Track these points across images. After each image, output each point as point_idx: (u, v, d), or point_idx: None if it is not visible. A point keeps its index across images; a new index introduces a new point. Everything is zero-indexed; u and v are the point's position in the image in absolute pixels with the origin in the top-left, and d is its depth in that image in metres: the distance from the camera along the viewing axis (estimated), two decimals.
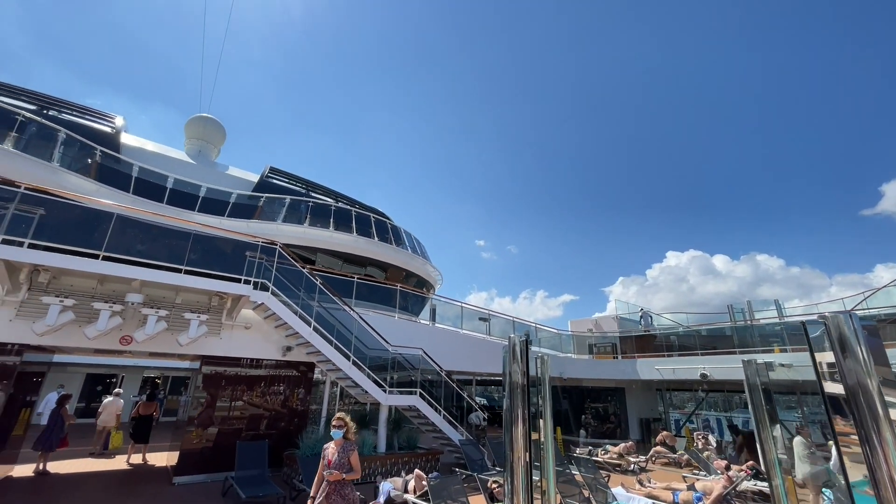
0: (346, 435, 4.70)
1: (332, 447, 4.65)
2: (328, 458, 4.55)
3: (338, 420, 4.73)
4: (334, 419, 4.75)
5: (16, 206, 6.67)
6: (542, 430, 3.06)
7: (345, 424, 4.72)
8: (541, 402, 3.15)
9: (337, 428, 4.68)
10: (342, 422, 4.72)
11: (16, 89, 14.12)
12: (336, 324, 9.80)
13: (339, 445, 4.63)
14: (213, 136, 19.62)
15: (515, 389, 2.35)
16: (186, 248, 8.11)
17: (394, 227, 18.50)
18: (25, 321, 6.98)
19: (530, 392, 2.40)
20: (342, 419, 4.74)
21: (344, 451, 4.56)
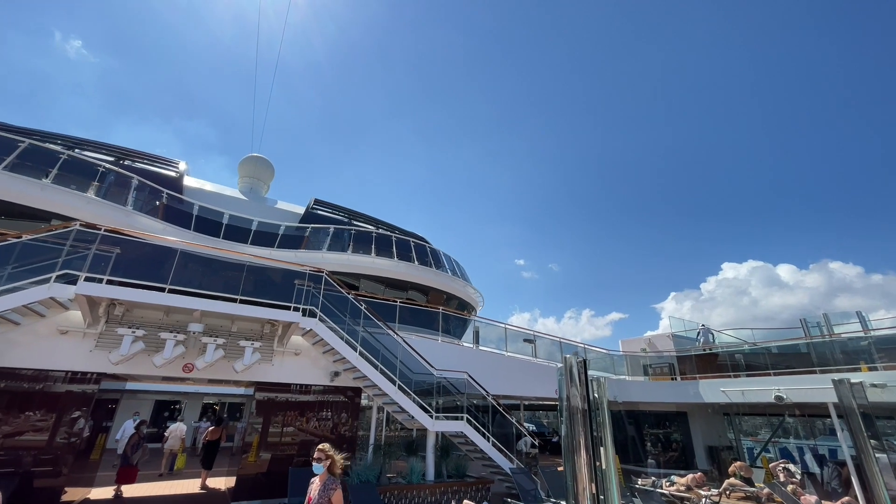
0: (330, 469, 4.14)
1: (316, 482, 4.12)
2: (308, 496, 4.07)
3: (319, 452, 4.16)
4: (316, 450, 4.20)
5: (97, 247, 7.39)
6: (604, 458, 2.85)
7: (327, 457, 4.15)
8: (600, 427, 2.96)
9: (317, 461, 4.11)
10: (323, 454, 4.15)
11: (97, 144, 15.94)
12: (381, 348, 9.89)
13: (322, 481, 4.07)
14: (263, 174, 21.03)
15: (575, 414, 2.22)
16: (241, 278, 8.59)
17: (433, 251, 18.68)
18: (103, 351, 7.60)
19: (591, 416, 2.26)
20: (324, 451, 4.18)
21: (325, 488, 4.01)
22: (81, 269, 7.09)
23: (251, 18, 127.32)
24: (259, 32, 37.59)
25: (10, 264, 6.82)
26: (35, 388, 7.28)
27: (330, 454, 4.19)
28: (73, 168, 12.76)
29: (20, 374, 7.23)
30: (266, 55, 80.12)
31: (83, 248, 7.35)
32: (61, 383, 7.46)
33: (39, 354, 7.38)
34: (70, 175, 12.53)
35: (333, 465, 4.15)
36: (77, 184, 12.56)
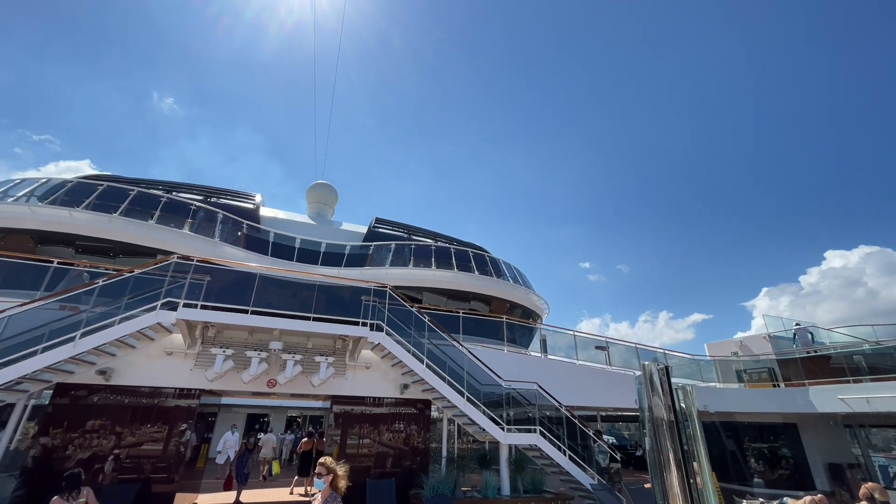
0: (332, 485, 3.82)
1: (318, 499, 3.86)
2: None
3: (320, 466, 3.87)
4: (318, 464, 3.92)
5: (191, 276, 8.30)
6: (699, 475, 2.55)
7: (329, 471, 3.84)
8: (690, 441, 2.65)
9: (318, 476, 3.82)
10: (324, 468, 3.85)
11: (189, 185, 18.10)
12: (447, 360, 9.91)
13: (325, 497, 3.78)
14: (328, 199, 22.47)
15: (660, 426, 2.00)
16: (313, 297, 9.15)
17: (492, 259, 18.53)
18: (201, 369, 8.46)
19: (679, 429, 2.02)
20: (325, 465, 3.88)
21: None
22: (180, 297, 7.99)
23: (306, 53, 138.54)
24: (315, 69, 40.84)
25: (126, 296, 7.89)
26: (150, 403, 8.28)
27: (332, 468, 3.88)
28: (171, 208, 14.57)
29: (138, 391, 8.28)
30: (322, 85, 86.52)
31: (181, 277, 8.29)
32: (170, 398, 8.42)
33: (151, 373, 8.41)
34: (169, 215, 14.32)
35: (336, 480, 3.84)
36: (175, 222, 14.31)
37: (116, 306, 7.73)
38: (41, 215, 12.37)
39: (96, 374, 7.92)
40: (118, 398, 8.17)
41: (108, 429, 7.89)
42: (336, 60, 25.61)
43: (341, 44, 33.54)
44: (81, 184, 13.92)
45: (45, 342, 7.08)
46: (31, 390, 7.61)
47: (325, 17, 76.15)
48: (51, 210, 12.50)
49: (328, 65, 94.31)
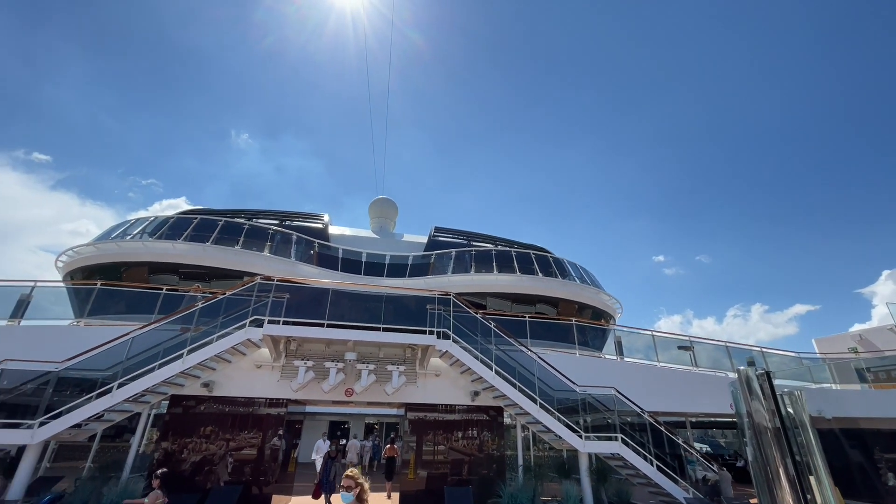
0: (359, 497, 3.71)
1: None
2: None
3: (347, 479, 3.76)
4: (344, 477, 3.80)
5: (273, 295, 9.06)
6: (818, 491, 2.21)
7: (357, 484, 3.72)
8: (804, 452, 2.33)
9: (346, 489, 3.68)
10: (353, 481, 3.74)
11: (267, 212, 19.85)
12: (516, 366, 9.75)
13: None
14: (389, 213, 23.41)
15: (763, 434, 1.77)
16: (381, 308, 9.53)
17: (556, 260, 17.96)
18: (286, 381, 9.16)
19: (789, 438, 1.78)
20: (353, 477, 3.76)
21: None
22: (265, 314, 8.75)
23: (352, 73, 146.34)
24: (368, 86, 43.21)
25: (221, 316, 8.82)
26: (245, 412, 9.14)
27: (360, 481, 3.77)
28: (253, 234, 16.08)
29: (235, 401, 9.18)
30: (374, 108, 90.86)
31: (264, 297, 9.08)
32: (262, 407, 9.21)
33: (245, 385, 9.28)
34: (251, 240, 15.81)
35: (363, 493, 3.74)
36: (256, 246, 15.76)
37: (213, 325, 8.67)
38: (152, 249, 14.30)
39: (201, 387, 8.92)
40: (220, 408, 9.12)
41: (213, 435, 8.83)
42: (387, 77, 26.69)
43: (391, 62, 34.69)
44: (180, 219, 15.88)
45: (160, 359, 8.14)
46: (152, 401, 8.77)
47: (369, 37, 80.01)
48: (158, 244, 14.41)
49: (377, 83, 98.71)
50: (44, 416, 7.35)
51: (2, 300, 9.85)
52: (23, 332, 9.34)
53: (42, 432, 7.19)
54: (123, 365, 8.05)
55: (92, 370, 8.08)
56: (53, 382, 7.76)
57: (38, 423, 7.23)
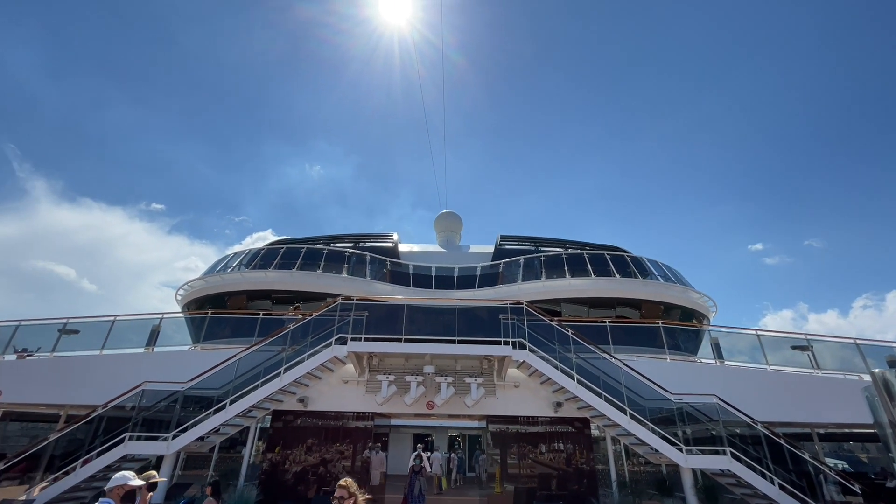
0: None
1: None
2: None
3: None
4: (337, 487, 3.48)
5: (353, 314, 9.63)
6: None
7: (350, 494, 3.42)
8: None
9: (339, 500, 3.40)
10: (346, 491, 3.43)
11: (343, 236, 21.27)
12: (600, 374, 9.23)
13: None
14: (454, 225, 23.81)
15: None
16: (454, 321, 9.67)
17: (634, 259, 16.83)
18: (371, 395, 9.62)
19: None
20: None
21: None
22: (347, 332, 9.33)
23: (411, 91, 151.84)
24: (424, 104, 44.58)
25: (310, 335, 9.57)
26: (336, 426, 9.74)
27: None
28: (331, 258, 17.31)
29: (327, 415, 9.84)
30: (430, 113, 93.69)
31: (346, 316, 9.69)
32: (350, 421, 9.76)
33: (335, 399, 9.91)
34: (330, 263, 17.01)
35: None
36: (335, 268, 16.92)
37: (304, 345, 9.43)
38: (248, 278, 16.03)
39: (297, 402, 9.70)
40: (314, 421, 9.84)
41: (310, 447, 9.53)
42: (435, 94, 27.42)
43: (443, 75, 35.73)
44: (270, 250, 17.63)
45: (262, 378, 9.03)
46: (257, 416, 9.72)
47: (413, 58, 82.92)
48: (253, 273, 16.10)
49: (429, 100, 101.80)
50: (175, 430, 8.50)
51: (139, 331, 11.66)
52: (155, 357, 10.96)
53: (175, 444, 8.31)
54: (233, 384, 9.06)
55: (208, 389, 9.20)
56: (180, 401, 8.98)
57: (172, 436, 8.38)
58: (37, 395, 10.27)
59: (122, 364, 10.46)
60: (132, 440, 8.39)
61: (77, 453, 8.53)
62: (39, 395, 10.27)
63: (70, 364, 10.64)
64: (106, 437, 8.61)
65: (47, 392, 10.25)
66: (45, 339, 11.25)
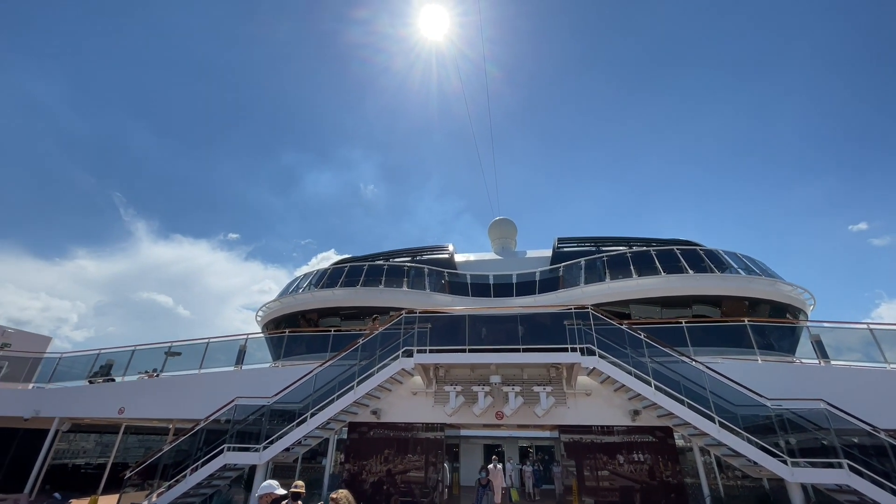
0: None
1: None
2: None
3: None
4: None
5: (417, 326, 9.87)
6: None
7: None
8: None
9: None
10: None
11: (401, 251, 21.95)
12: (680, 379, 8.59)
13: None
14: (509, 231, 23.59)
15: None
16: (517, 329, 9.55)
17: (708, 253, 15.54)
18: (439, 406, 9.75)
19: None
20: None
21: None
22: (413, 345, 9.57)
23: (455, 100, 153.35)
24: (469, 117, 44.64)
25: (378, 349, 9.95)
26: (408, 437, 9.97)
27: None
28: (391, 273, 17.92)
29: (398, 426, 10.11)
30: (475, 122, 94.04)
31: (410, 328, 9.96)
32: (421, 432, 9.95)
33: (405, 411, 10.17)
34: (391, 278, 17.61)
35: None
36: (396, 283, 17.48)
37: (373, 359, 9.82)
38: (318, 297, 17.06)
39: (371, 414, 10.09)
40: (387, 433, 10.16)
41: (385, 457, 9.84)
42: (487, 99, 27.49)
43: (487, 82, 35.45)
44: (335, 269, 18.66)
45: (337, 391, 9.53)
46: (335, 428, 10.24)
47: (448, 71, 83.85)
48: (322, 293, 17.12)
49: (475, 110, 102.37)
50: (265, 442, 9.22)
51: (227, 351, 12.86)
52: (243, 374, 11.99)
53: (265, 454, 9.01)
54: (312, 397, 9.66)
55: (290, 403, 9.88)
56: (267, 414, 9.73)
57: (262, 447, 9.10)
58: (150, 410, 11.70)
59: (217, 381, 11.59)
60: (229, 451, 9.22)
61: (185, 462, 9.55)
62: (152, 410, 11.69)
63: (175, 383, 12.01)
64: (206, 448, 9.56)
65: (158, 408, 11.64)
66: (155, 361, 12.80)
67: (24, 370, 14.14)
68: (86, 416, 12.55)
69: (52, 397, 12.62)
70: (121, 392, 12.18)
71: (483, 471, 11.14)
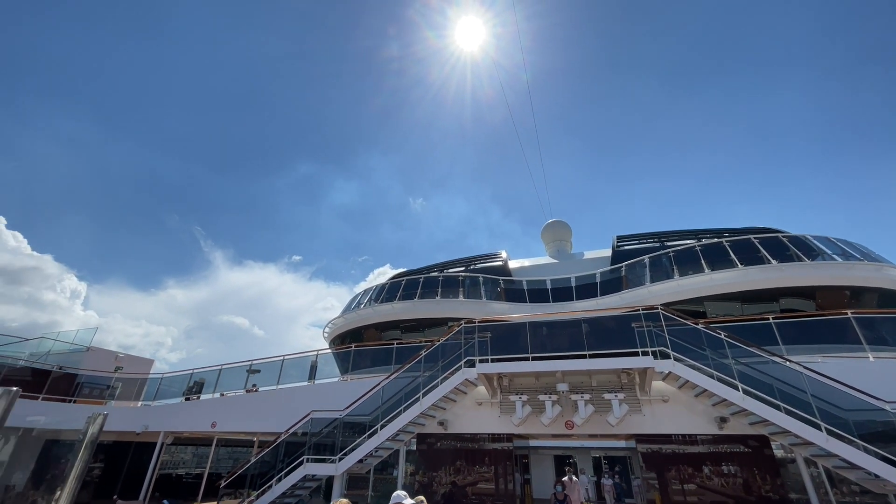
0: None
1: None
2: None
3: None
4: None
5: (477, 336, 9.86)
6: None
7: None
8: None
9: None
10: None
11: (454, 261, 22.12)
12: (772, 381, 7.76)
13: None
14: (564, 233, 22.90)
15: None
16: (581, 334, 9.18)
17: (794, 239, 14.00)
18: (506, 416, 9.60)
19: None
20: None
21: None
22: (474, 355, 9.56)
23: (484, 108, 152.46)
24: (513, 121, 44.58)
25: (440, 360, 10.06)
26: (475, 448, 9.91)
27: None
28: (447, 283, 18.11)
29: (465, 437, 10.09)
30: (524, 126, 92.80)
31: (470, 338, 9.96)
32: (488, 442, 9.84)
33: (471, 421, 10.14)
34: (447, 288, 17.79)
35: None
36: (452, 293, 17.61)
37: (436, 370, 9.94)
38: (378, 311, 17.65)
39: (438, 425, 10.18)
40: (454, 444, 10.17)
41: (454, 468, 9.84)
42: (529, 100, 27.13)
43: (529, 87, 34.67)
44: (392, 283, 19.22)
45: (404, 403, 9.74)
46: (405, 440, 10.44)
47: (489, 69, 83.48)
48: (382, 307, 17.68)
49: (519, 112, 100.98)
50: (340, 454, 9.63)
51: (299, 367, 13.67)
52: (315, 389, 12.66)
53: (342, 465, 9.40)
54: (380, 409, 9.95)
55: (360, 415, 10.25)
56: (340, 427, 10.17)
57: (338, 458, 9.51)
58: (237, 424, 12.71)
59: (293, 396, 12.34)
60: (308, 462, 9.74)
61: (269, 473, 10.23)
62: (239, 424, 12.69)
63: (257, 398, 12.95)
64: (287, 459, 10.17)
65: (244, 422, 12.61)
66: (238, 378, 13.93)
67: (134, 390, 16.06)
68: (184, 429, 13.90)
69: (156, 413, 14.15)
70: (212, 408, 13.36)
71: (559, 484, 10.70)
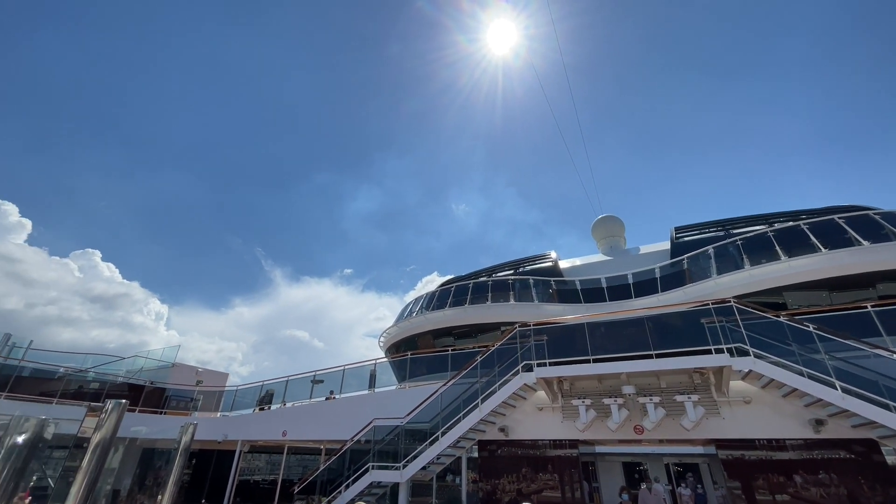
0: None
1: None
2: None
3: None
4: None
5: (533, 339, 9.64)
6: None
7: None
8: None
9: None
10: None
11: (503, 265, 21.89)
12: (877, 377, 6.86)
13: None
14: (616, 229, 21.94)
15: None
16: (645, 333, 8.69)
17: (887, 216, 12.43)
18: (569, 421, 9.27)
19: None
20: None
21: None
22: (531, 358, 9.35)
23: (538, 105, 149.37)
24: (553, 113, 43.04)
25: (496, 365, 9.94)
26: (538, 454, 9.64)
27: None
28: (496, 287, 17.94)
29: (526, 443, 9.85)
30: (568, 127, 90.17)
31: (525, 342, 9.77)
32: (551, 449, 9.53)
33: (533, 427, 9.89)
34: (497, 293, 17.61)
35: None
36: (502, 297, 17.41)
37: (493, 375, 9.83)
38: (430, 319, 17.84)
39: (498, 431, 10.04)
40: (515, 450, 9.96)
41: (518, 476, 9.62)
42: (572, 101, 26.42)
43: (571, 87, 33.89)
44: (442, 290, 19.37)
45: (462, 409, 9.72)
46: (466, 446, 10.40)
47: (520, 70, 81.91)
48: (433, 314, 17.86)
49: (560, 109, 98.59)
50: (403, 461, 9.78)
51: (358, 377, 14.11)
52: (375, 397, 12.99)
53: (406, 472, 9.54)
54: (440, 416, 10.00)
55: (420, 423, 10.36)
56: (402, 434, 10.34)
57: (402, 465, 9.65)
58: (306, 432, 13.32)
59: (354, 405, 12.75)
60: (374, 469, 9.98)
61: (337, 480, 10.60)
62: (307, 432, 13.29)
63: (323, 407, 13.52)
64: (353, 466, 10.48)
65: (312, 430, 13.20)
66: (304, 388, 14.64)
67: (213, 401, 17.39)
68: (258, 438, 14.80)
69: (234, 423, 15.20)
70: (282, 417, 14.13)
71: (624, 492, 10.14)
